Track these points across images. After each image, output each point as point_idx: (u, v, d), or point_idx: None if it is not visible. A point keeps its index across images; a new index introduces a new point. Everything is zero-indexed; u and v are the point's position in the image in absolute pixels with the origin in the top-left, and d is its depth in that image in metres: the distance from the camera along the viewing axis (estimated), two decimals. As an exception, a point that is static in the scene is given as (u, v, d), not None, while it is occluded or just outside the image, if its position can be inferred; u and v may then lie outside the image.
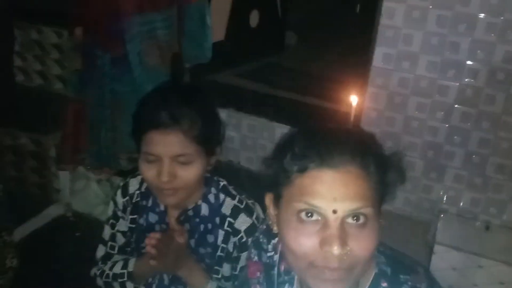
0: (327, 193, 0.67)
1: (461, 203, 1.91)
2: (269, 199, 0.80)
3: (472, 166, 1.85)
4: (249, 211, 1.13)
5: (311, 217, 0.69)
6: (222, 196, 1.15)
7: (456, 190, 1.90)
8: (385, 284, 0.76)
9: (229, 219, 1.13)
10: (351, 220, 0.68)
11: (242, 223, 1.12)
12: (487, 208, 1.88)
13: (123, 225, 1.22)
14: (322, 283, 0.70)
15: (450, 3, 1.69)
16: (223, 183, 1.17)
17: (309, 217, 0.69)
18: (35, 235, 2.18)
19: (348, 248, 0.66)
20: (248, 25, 2.99)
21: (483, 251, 1.74)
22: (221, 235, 1.13)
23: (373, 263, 0.77)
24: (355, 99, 1.66)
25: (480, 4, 1.65)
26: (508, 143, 1.78)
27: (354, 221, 0.68)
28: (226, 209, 1.13)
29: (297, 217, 0.70)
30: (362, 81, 1.94)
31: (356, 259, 0.68)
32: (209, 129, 1.05)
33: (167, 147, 1.00)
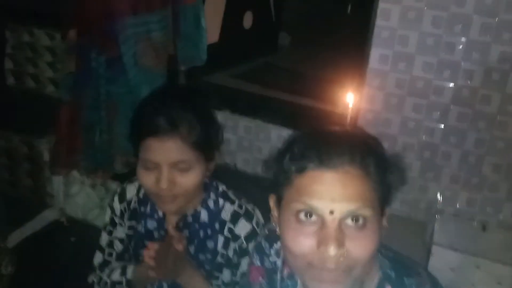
0: (325, 193, 0.67)
1: (458, 203, 1.92)
2: (272, 201, 0.80)
3: (468, 166, 1.85)
4: (249, 216, 1.12)
5: (309, 218, 0.69)
6: (221, 201, 1.14)
7: (452, 190, 1.90)
8: (389, 287, 0.75)
9: (228, 225, 1.11)
10: (350, 221, 0.67)
11: (242, 228, 1.11)
12: (483, 208, 1.89)
13: (120, 232, 1.21)
14: (320, 284, 0.70)
15: (445, 4, 1.69)
16: (222, 188, 1.16)
17: (307, 218, 0.69)
18: (29, 240, 2.14)
19: (344, 249, 0.66)
20: (241, 26, 2.99)
21: (480, 251, 1.74)
22: (221, 241, 1.12)
23: (377, 267, 0.76)
24: (351, 98, 1.66)
25: (475, 5, 1.66)
26: (503, 142, 1.79)
27: (353, 223, 0.67)
28: (225, 215, 1.12)
29: (296, 217, 0.70)
30: (356, 81, 1.94)
31: (353, 260, 0.67)
32: (208, 135, 1.04)
33: (166, 154, 0.99)
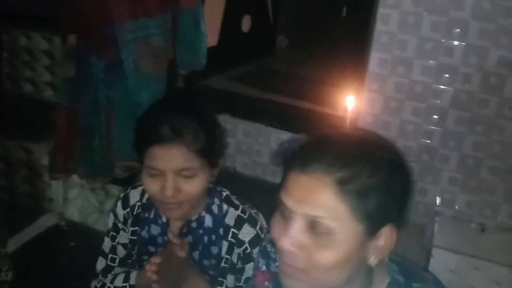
0: (293, 194, 0.70)
1: (456, 206, 1.93)
2: None
3: (466, 169, 1.87)
4: (253, 222, 1.13)
5: (288, 216, 0.71)
6: (225, 206, 1.14)
7: (451, 192, 1.92)
8: None
9: (233, 230, 1.12)
10: (310, 227, 0.69)
11: (246, 233, 1.11)
12: (481, 210, 1.90)
13: (123, 237, 1.21)
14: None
15: (444, 9, 1.71)
16: (225, 193, 1.17)
17: (286, 215, 0.72)
18: (29, 245, 2.13)
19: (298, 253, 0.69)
20: (240, 29, 2.99)
21: (479, 252, 1.75)
22: (225, 246, 1.12)
23: (386, 272, 0.77)
24: (351, 101, 1.67)
25: (473, 9, 1.68)
26: (501, 145, 1.81)
27: (313, 230, 0.68)
28: (229, 220, 1.13)
29: (281, 213, 0.74)
30: (355, 84, 1.96)
31: (313, 265, 0.69)
32: (212, 141, 1.04)
33: (171, 162, 0.99)
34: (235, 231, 1.11)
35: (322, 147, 0.71)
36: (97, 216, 2.27)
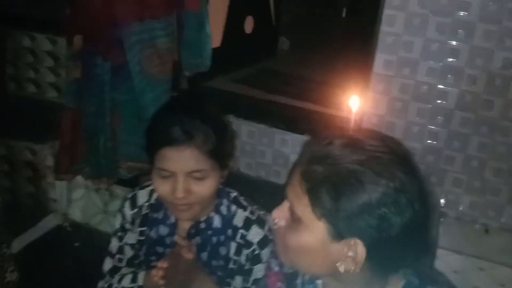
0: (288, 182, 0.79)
1: (461, 207, 1.93)
2: None
3: (471, 170, 1.87)
4: (261, 223, 1.13)
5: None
6: (233, 207, 1.14)
7: (455, 193, 1.92)
8: None
9: (241, 231, 1.12)
10: (291, 211, 0.78)
11: (254, 235, 1.11)
12: (485, 211, 1.90)
13: (131, 238, 1.21)
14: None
15: (449, 11, 1.71)
16: (234, 194, 1.17)
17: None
18: (33, 246, 2.13)
19: None
20: (243, 31, 3.00)
21: (483, 253, 1.76)
22: (233, 247, 1.13)
23: (400, 274, 0.77)
24: (355, 102, 1.67)
25: (479, 11, 1.68)
26: (505, 147, 1.81)
27: (292, 213, 0.77)
28: (238, 221, 1.13)
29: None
30: (359, 85, 1.95)
31: (285, 244, 0.79)
32: (223, 143, 1.04)
33: (182, 164, 0.99)
34: (244, 232, 1.12)
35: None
36: (101, 217, 2.27)
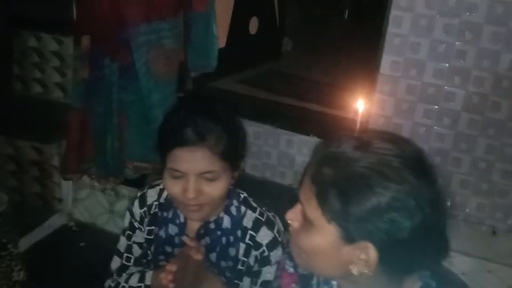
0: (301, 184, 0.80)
1: (468, 209, 1.93)
2: None
3: (478, 172, 1.87)
4: (271, 224, 1.13)
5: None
6: (243, 208, 1.14)
7: (462, 195, 1.92)
8: None
9: (250, 232, 1.12)
10: (303, 213, 0.79)
11: (264, 236, 1.11)
12: (493, 213, 1.90)
13: (139, 237, 1.21)
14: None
15: (456, 12, 1.71)
16: (243, 195, 1.17)
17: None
18: (38, 246, 2.13)
19: None
20: (247, 31, 3.00)
21: (491, 255, 1.76)
22: (242, 248, 1.12)
23: (417, 277, 0.77)
24: (361, 103, 1.67)
25: (486, 13, 1.68)
26: (513, 149, 1.81)
27: (304, 215, 0.78)
28: (247, 222, 1.13)
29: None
30: (365, 87, 1.96)
31: (298, 245, 0.80)
32: (235, 144, 1.04)
33: (194, 164, 0.99)
34: (253, 233, 1.11)
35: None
36: (107, 217, 2.28)
